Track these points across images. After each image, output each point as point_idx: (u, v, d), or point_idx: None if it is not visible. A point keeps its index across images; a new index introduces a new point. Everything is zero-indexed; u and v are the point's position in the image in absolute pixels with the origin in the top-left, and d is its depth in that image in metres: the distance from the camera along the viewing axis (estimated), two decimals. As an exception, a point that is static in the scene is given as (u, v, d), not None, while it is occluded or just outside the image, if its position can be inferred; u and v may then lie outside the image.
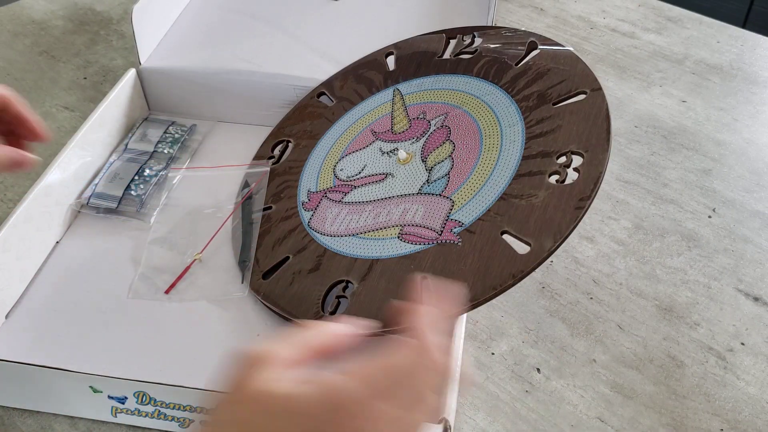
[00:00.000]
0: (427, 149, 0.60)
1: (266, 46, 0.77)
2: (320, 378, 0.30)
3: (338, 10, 0.84)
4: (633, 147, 0.74)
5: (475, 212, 0.53)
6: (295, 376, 0.31)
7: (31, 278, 0.59)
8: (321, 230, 0.58)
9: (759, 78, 0.84)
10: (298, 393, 0.30)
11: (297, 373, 0.31)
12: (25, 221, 0.57)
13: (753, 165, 0.72)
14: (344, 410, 0.30)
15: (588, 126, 0.54)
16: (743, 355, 0.55)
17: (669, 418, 0.51)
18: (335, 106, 0.69)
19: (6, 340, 0.54)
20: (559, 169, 0.52)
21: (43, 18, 0.96)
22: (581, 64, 0.59)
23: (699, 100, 0.80)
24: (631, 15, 0.96)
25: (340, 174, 0.62)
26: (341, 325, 0.35)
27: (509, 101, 0.59)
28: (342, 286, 0.53)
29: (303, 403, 0.29)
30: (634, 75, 0.84)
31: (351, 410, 0.30)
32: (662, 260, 0.62)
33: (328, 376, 0.31)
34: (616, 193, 0.69)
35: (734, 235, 0.64)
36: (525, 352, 0.55)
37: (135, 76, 0.73)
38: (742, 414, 0.51)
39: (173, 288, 0.57)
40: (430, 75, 0.66)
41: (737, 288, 0.60)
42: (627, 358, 0.55)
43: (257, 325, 0.55)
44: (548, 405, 0.52)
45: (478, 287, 0.48)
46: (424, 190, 0.57)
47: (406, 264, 0.52)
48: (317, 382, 0.30)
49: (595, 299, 0.59)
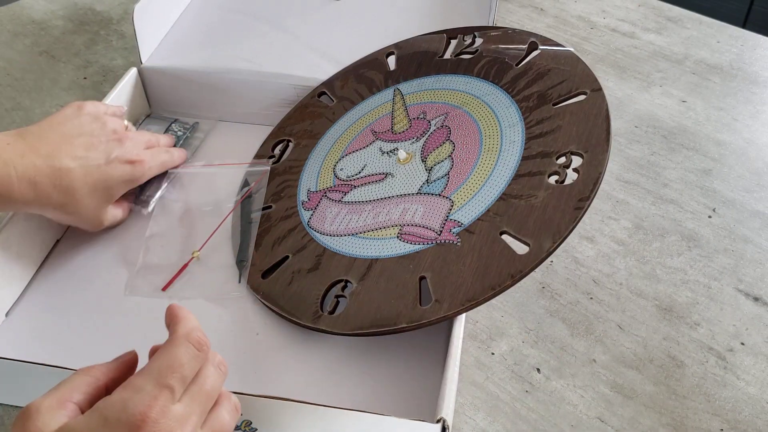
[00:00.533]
0: (427, 149, 0.60)
1: (267, 46, 0.77)
2: (96, 405, 0.34)
3: (339, 10, 0.84)
4: (633, 147, 0.74)
5: (474, 212, 0.53)
6: (67, 413, 0.34)
7: (32, 277, 0.59)
8: (320, 230, 0.58)
9: (759, 78, 0.84)
10: (78, 423, 0.33)
11: (68, 412, 0.35)
12: (25, 220, 0.57)
13: (753, 165, 0.72)
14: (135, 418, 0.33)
15: (588, 126, 0.54)
16: (743, 355, 0.55)
17: (669, 418, 0.51)
18: (336, 105, 0.69)
19: (6, 338, 0.54)
20: (558, 169, 0.53)
21: (43, 18, 0.97)
22: (581, 65, 0.59)
23: (699, 100, 0.80)
24: (631, 15, 0.96)
25: (340, 173, 0.62)
26: (97, 368, 0.39)
27: (509, 101, 0.59)
28: (341, 286, 0.53)
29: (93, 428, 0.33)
30: (634, 75, 0.84)
31: (141, 417, 0.33)
32: (662, 260, 0.62)
33: (103, 400, 0.34)
34: (616, 193, 0.69)
35: (734, 235, 0.64)
36: (525, 352, 0.55)
37: (136, 75, 0.73)
38: (742, 414, 0.51)
39: (170, 285, 0.57)
40: (430, 75, 0.66)
41: (737, 288, 0.60)
42: (627, 358, 0.55)
43: (256, 324, 0.55)
44: (548, 405, 0.52)
45: (477, 287, 0.49)
46: (424, 190, 0.57)
47: (405, 264, 0.52)
48: (93, 409, 0.34)
49: (595, 299, 0.59)
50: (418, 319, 0.49)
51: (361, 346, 0.53)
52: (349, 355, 0.53)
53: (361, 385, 0.51)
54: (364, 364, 0.52)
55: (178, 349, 0.37)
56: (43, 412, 0.34)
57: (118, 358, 0.40)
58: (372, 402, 0.50)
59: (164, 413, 0.33)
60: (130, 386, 0.34)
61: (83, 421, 0.33)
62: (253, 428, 0.47)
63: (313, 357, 0.53)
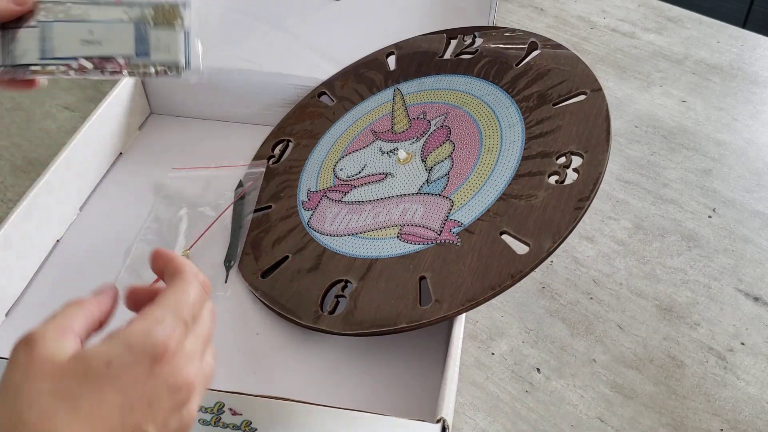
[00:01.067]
0: (427, 149, 0.60)
1: (267, 46, 0.77)
2: (116, 333, 0.33)
3: (339, 10, 0.84)
4: (633, 147, 0.74)
5: (474, 212, 0.53)
6: (71, 342, 0.33)
7: (32, 276, 0.59)
8: (320, 230, 0.58)
9: (759, 78, 0.84)
10: (99, 350, 0.32)
11: (71, 341, 0.33)
12: (26, 220, 0.57)
13: (753, 165, 0.72)
14: (161, 351, 0.32)
15: (588, 127, 0.54)
16: (743, 355, 0.55)
17: (669, 418, 0.51)
18: (336, 105, 0.69)
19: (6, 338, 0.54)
20: (558, 169, 0.53)
21: (44, 17, 0.96)
22: (581, 65, 0.59)
23: (699, 100, 0.80)
24: (631, 15, 0.96)
25: (340, 173, 0.62)
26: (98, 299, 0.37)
27: (509, 101, 0.59)
28: (341, 286, 0.53)
29: (117, 357, 0.31)
30: (634, 75, 0.84)
31: (164, 350, 0.32)
32: (662, 260, 0.62)
33: (122, 330, 0.33)
34: (616, 193, 0.69)
35: (734, 235, 0.64)
36: (525, 352, 0.55)
37: (135, 75, 0.73)
38: (742, 414, 0.51)
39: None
40: (430, 75, 0.66)
41: (737, 288, 0.60)
42: (627, 358, 0.55)
43: (256, 323, 0.55)
44: (548, 405, 0.52)
45: (477, 287, 0.49)
46: (424, 190, 0.57)
47: (405, 264, 0.52)
48: (112, 336, 0.32)
49: (595, 299, 0.59)
50: (418, 319, 0.49)
51: (361, 346, 0.53)
52: (349, 355, 0.53)
53: (361, 385, 0.51)
54: (364, 364, 0.52)
55: (191, 287, 0.36)
56: (49, 340, 0.32)
57: (102, 292, 0.38)
58: (372, 402, 0.50)
59: (180, 347, 0.33)
60: (151, 317, 0.33)
61: (104, 349, 0.32)
62: (253, 428, 0.47)
63: (313, 357, 0.53)
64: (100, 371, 0.31)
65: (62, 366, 0.31)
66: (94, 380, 0.31)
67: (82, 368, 0.31)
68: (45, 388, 0.31)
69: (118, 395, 0.31)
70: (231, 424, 0.47)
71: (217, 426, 0.47)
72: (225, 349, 0.54)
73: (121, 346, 0.32)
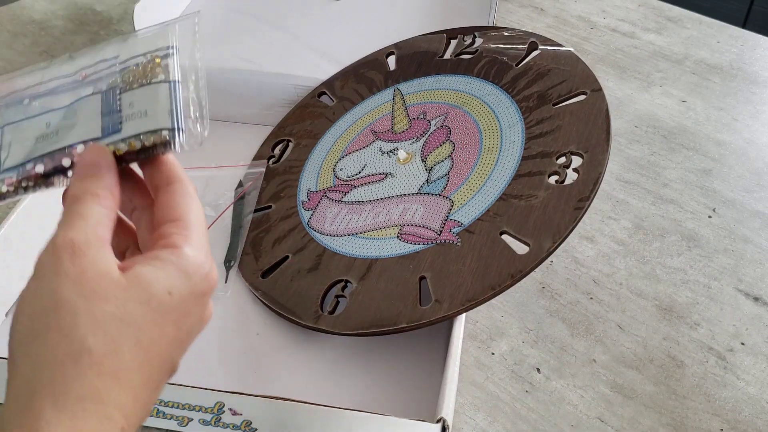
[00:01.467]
0: (427, 149, 0.60)
1: (267, 46, 0.77)
2: (166, 257, 0.29)
3: (339, 10, 0.84)
4: (633, 147, 0.74)
5: (474, 212, 0.53)
6: (111, 254, 0.29)
7: (32, 277, 0.59)
8: (320, 230, 0.58)
9: (759, 78, 0.84)
10: (158, 274, 0.29)
11: (110, 252, 0.29)
12: (26, 220, 0.57)
13: (753, 165, 0.72)
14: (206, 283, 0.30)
15: (588, 127, 0.54)
16: (743, 355, 0.55)
17: (669, 418, 0.51)
18: (336, 105, 0.69)
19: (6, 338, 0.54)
20: (558, 169, 0.53)
21: (43, 18, 0.97)
22: (581, 65, 0.59)
23: (699, 100, 0.80)
24: (631, 15, 0.96)
25: (340, 173, 0.62)
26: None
27: (509, 101, 0.59)
28: (341, 286, 0.53)
29: (174, 285, 0.29)
30: (634, 75, 0.84)
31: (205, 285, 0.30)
32: (662, 260, 0.62)
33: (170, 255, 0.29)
34: (616, 193, 0.69)
35: (734, 235, 0.64)
36: (525, 352, 0.55)
37: (135, 75, 0.73)
38: (742, 414, 0.51)
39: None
40: (430, 75, 0.66)
41: (737, 288, 0.60)
42: (627, 358, 0.55)
43: (256, 324, 0.55)
44: (548, 405, 0.52)
45: (477, 287, 0.49)
46: (424, 190, 0.57)
47: (405, 264, 0.52)
48: (165, 261, 0.29)
49: (595, 299, 0.59)
50: (418, 319, 0.49)
51: (361, 346, 0.53)
52: (349, 355, 0.53)
53: (361, 385, 0.51)
54: (364, 364, 0.52)
55: (195, 197, 0.33)
56: (95, 250, 0.28)
57: (105, 169, 0.31)
58: (372, 402, 0.50)
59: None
60: (196, 243, 0.30)
61: (161, 275, 0.28)
62: (253, 428, 0.47)
63: (313, 357, 0.53)
64: (163, 300, 0.28)
65: (122, 286, 0.28)
66: (156, 309, 0.28)
67: (145, 294, 0.28)
68: (109, 311, 0.27)
69: (174, 328, 0.29)
70: (231, 424, 0.47)
71: (217, 426, 0.47)
72: (225, 349, 0.54)
73: (177, 274, 0.29)
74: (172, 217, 0.31)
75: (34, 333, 0.27)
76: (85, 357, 0.26)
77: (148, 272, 0.28)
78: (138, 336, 0.27)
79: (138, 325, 0.27)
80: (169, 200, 0.32)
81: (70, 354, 0.26)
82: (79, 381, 0.25)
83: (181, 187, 0.32)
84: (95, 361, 0.26)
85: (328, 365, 0.52)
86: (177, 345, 0.29)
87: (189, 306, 0.29)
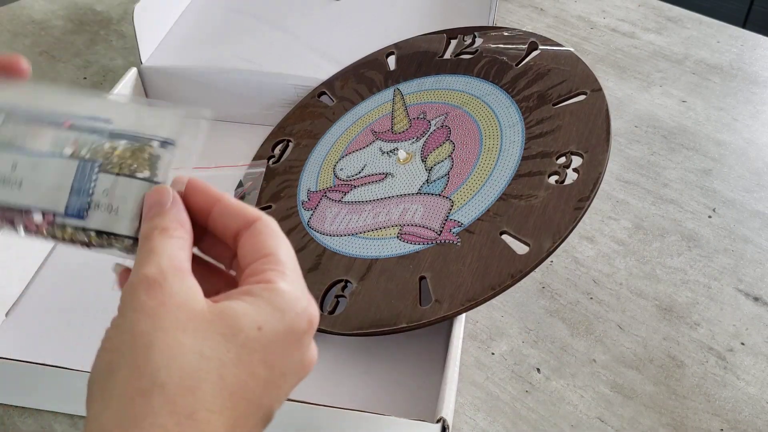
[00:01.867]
0: (427, 149, 0.60)
1: (267, 46, 0.77)
2: (265, 293, 0.27)
3: (339, 10, 0.84)
4: (633, 147, 0.74)
5: (474, 212, 0.53)
6: (195, 285, 0.27)
7: (31, 277, 0.59)
8: (320, 230, 0.58)
9: (759, 78, 0.84)
10: (251, 310, 0.26)
11: (193, 282, 0.27)
12: (26, 220, 0.57)
13: (753, 165, 0.72)
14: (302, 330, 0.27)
15: (588, 127, 0.54)
16: (743, 355, 0.55)
17: (669, 418, 0.51)
18: (336, 105, 0.69)
19: (6, 339, 0.54)
20: (558, 169, 0.53)
21: (43, 18, 0.97)
22: (581, 65, 0.59)
23: (699, 100, 0.80)
24: (631, 15, 0.96)
25: (340, 173, 0.62)
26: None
27: (509, 101, 0.59)
28: (341, 286, 0.53)
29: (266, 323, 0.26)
30: (634, 75, 0.84)
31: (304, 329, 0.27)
32: (662, 260, 0.62)
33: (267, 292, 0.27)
34: (616, 193, 0.69)
35: (734, 235, 0.64)
36: (525, 352, 0.55)
37: (136, 75, 0.73)
38: (742, 414, 0.51)
39: None
40: (430, 75, 0.66)
41: (737, 288, 0.60)
42: (627, 358, 0.55)
43: (257, 324, 0.55)
44: (548, 405, 0.52)
45: (477, 287, 0.49)
46: (424, 190, 0.57)
47: (405, 264, 0.52)
48: (258, 296, 0.27)
49: (595, 299, 0.59)
50: (418, 319, 0.49)
51: (361, 346, 0.53)
52: (349, 355, 0.53)
53: (361, 385, 0.51)
54: (364, 364, 0.52)
55: (283, 237, 0.30)
56: (173, 280, 0.26)
57: (169, 203, 0.29)
58: (372, 402, 0.50)
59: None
60: (291, 278, 0.28)
61: (252, 308, 0.26)
62: (253, 428, 0.46)
63: (313, 357, 0.53)
64: (251, 335, 0.25)
65: (205, 318, 0.25)
66: (244, 345, 0.25)
67: (231, 328, 0.25)
68: (187, 344, 0.24)
69: (265, 369, 0.26)
70: (231, 424, 0.47)
71: (217, 426, 0.47)
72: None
73: (270, 309, 0.26)
74: (262, 255, 0.29)
75: (109, 369, 0.25)
76: (157, 393, 0.23)
77: (237, 306, 0.26)
78: (221, 373, 0.24)
79: (221, 361, 0.25)
80: (254, 240, 0.29)
81: (141, 390, 0.23)
82: (150, 419, 0.23)
83: (264, 224, 0.30)
84: (168, 399, 0.23)
85: (328, 365, 0.52)
86: (270, 389, 0.26)
87: (284, 345, 0.27)
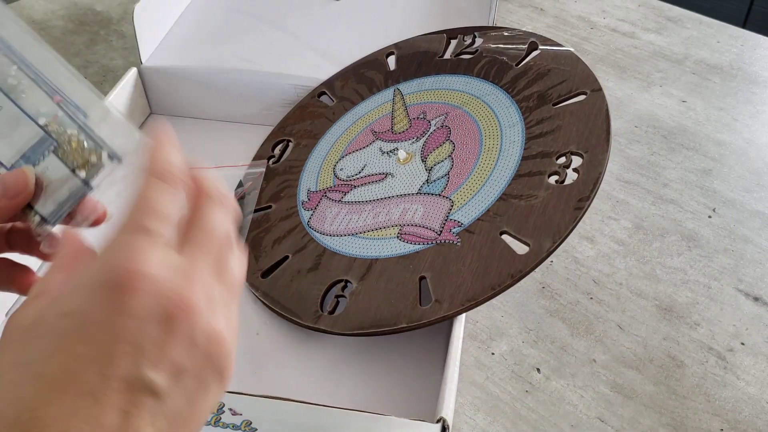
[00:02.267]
0: (427, 149, 0.60)
1: (267, 46, 0.77)
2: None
3: (339, 10, 0.84)
4: (633, 147, 0.74)
5: (474, 212, 0.53)
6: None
7: (32, 277, 0.59)
8: (320, 230, 0.58)
9: (759, 78, 0.84)
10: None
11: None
12: (26, 220, 0.57)
13: (753, 165, 0.72)
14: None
15: (588, 127, 0.54)
16: (743, 355, 0.55)
17: (669, 418, 0.51)
18: (336, 105, 0.69)
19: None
20: (558, 169, 0.53)
21: (43, 18, 0.97)
22: (581, 65, 0.59)
23: (699, 100, 0.80)
24: (631, 15, 0.96)
25: (339, 173, 0.62)
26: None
27: (509, 101, 0.59)
28: (341, 286, 0.53)
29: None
30: (634, 75, 0.84)
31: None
32: (662, 260, 0.62)
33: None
34: (616, 193, 0.69)
35: (734, 235, 0.64)
36: (525, 352, 0.55)
37: (136, 75, 0.73)
38: (742, 414, 0.51)
39: None
40: (430, 75, 0.66)
41: (737, 288, 0.60)
42: (627, 358, 0.55)
43: (256, 324, 0.55)
44: (548, 405, 0.52)
45: (477, 287, 0.49)
46: (424, 189, 0.57)
47: (405, 264, 0.52)
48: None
49: (595, 299, 0.59)
50: (418, 319, 0.49)
51: (361, 346, 0.53)
52: (349, 355, 0.53)
53: (361, 385, 0.51)
54: (364, 364, 0.52)
55: (145, 189, 0.29)
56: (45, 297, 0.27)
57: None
58: (372, 402, 0.50)
59: (151, 261, 0.25)
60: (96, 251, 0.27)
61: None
62: (253, 428, 0.47)
63: (313, 357, 0.53)
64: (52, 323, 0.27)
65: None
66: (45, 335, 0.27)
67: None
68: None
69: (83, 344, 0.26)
70: (231, 424, 0.47)
71: (217, 426, 0.47)
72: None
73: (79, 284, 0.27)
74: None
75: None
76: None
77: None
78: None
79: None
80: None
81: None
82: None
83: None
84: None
85: (328, 365, 0.52)
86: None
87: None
